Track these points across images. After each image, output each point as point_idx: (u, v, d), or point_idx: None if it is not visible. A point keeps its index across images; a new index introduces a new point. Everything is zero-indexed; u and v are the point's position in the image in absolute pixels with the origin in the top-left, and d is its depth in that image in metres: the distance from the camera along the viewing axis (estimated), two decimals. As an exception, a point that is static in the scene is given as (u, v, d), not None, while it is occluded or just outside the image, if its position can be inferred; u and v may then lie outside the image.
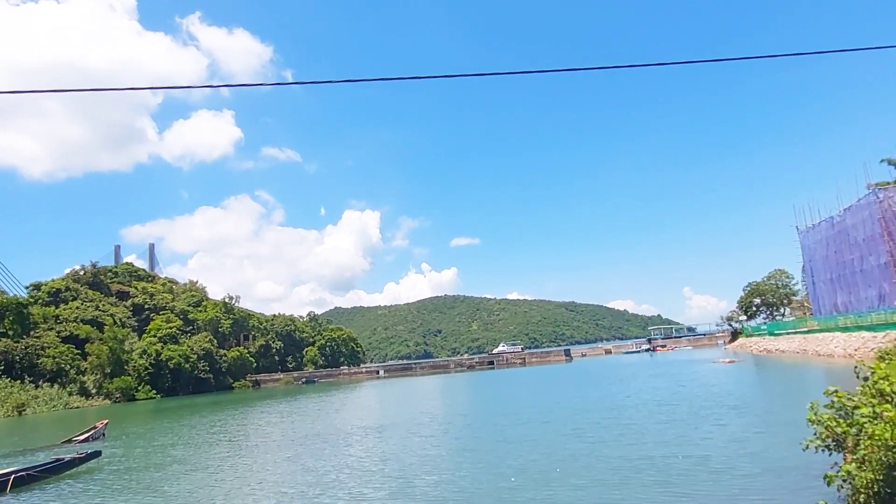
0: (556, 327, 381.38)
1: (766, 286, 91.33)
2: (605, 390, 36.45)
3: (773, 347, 64.17)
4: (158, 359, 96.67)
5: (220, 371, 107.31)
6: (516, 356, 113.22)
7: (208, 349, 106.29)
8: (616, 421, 21.87)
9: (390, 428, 26.70)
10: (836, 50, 9.72)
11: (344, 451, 20.58)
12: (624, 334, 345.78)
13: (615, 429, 19.96)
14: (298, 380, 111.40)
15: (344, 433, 26.21)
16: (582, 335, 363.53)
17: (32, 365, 75.96)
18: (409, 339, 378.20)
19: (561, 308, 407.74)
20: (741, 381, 36.85)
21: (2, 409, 65.20)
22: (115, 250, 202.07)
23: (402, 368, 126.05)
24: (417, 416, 31.24)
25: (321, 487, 14.89)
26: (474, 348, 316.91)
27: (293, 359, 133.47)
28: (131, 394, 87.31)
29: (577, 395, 35.41)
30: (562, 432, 20.40)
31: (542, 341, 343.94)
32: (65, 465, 20.41)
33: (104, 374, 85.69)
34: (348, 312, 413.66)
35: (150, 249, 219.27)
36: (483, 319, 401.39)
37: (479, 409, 34.32)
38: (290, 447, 23.01)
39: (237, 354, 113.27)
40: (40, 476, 19.02)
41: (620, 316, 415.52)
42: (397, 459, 17.88)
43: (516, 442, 19.23)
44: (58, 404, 73.18)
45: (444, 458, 17.50)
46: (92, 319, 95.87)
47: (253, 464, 19.78)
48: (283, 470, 17.96)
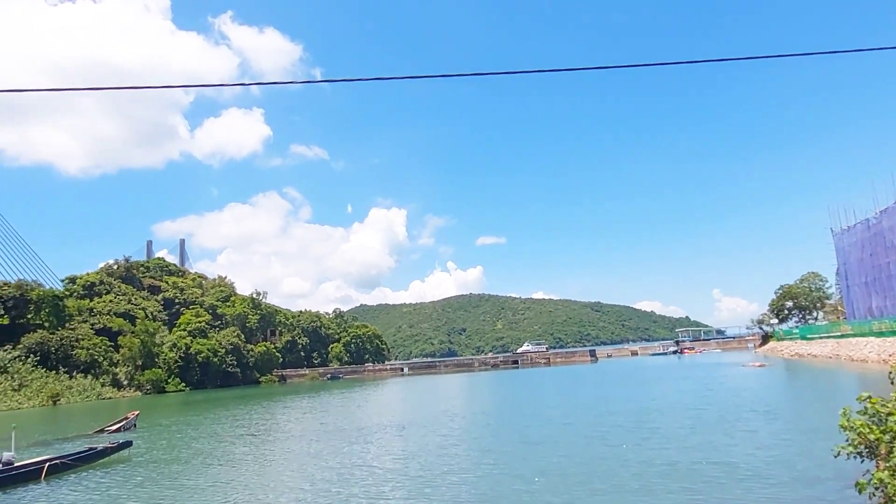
0: (582, 327, 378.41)
1: (799, 289, 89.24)
2: (630, 392, 36.06)
3: (805, 352, 62.72)
4: (188, 352, 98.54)
5: (247, 365, 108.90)
6: (541, 356, 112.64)
7: (236, 344, 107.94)
8: (641, 424, 21.54)
9: (413, 426, 26.80)
10: (877, 48, 9.42)
11: (366, 449, 20.70)
12: (650, 336, 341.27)
13: (639, 432, 19.64)
14: (323, 375, 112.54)
15: (367, 430, 26.37)
16: (607, 336, 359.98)
17: (67, 356, 78.04)
18: (433, 338, 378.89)
19: (586, 308, 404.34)
20: (772, 385, 36.08)
21: (37, 399, 67.18)
22: (147, 245, 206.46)
23: (427, 366, 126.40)
24: (440, 414, 31.30)
25: (341, 485, 14.99)
26: (499, 347, 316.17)
27: (318, 355, 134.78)
28: (161, 386, 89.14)
29: (602, 396, 35.10)
30: (584, 434, 20.21)
31: (567, 341, 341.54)
32: (97, 455, 20.94)
33: (136, 367, 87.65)
34: (373, 310, 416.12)
35: (181, 245, 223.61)
36: (508, 318, 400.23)
37: (502, 408, 34.20)
38: (313, 443, 23.25)
39: (264, 349, 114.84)
40: (73, 464, 19.54)
41: (647, 317, 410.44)
42: (418, 458, 17.90)
43: (537, 443, 19.10)
44: (91, 395, 75.14)
45: (464, 458, 17.42)
46: (124, 313, 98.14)
47: (277, 459, 20.03)
48: (305, 466, 18.15)
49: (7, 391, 66.84)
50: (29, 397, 67.08)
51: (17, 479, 17.61)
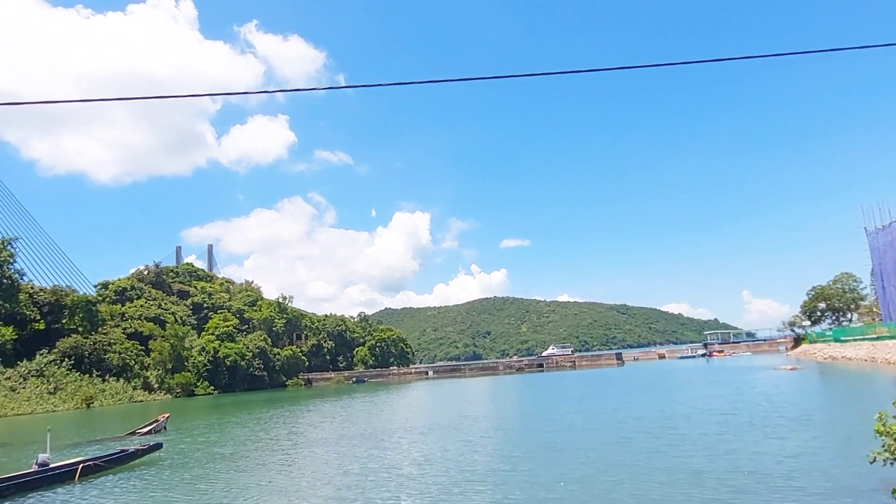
0: (608, 330, 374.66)
1: (832, 290, 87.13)
2: (656, 396, 35.55)
3: (839, 354, 61.16)
4: (216, 356, 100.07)
5: (273, 369, 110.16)
6: (566, 359, 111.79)
7: (263, 347, 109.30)
8: (667, 430, 21.08)
9: (437, 430, 26.79)
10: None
11: (390, 453, 20.71)
12: (678, 338, 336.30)
13: (665, 438, 19.22)
14: (349, 379, 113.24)
15: (392, 434, 26.45)
16: (634, 339, 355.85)
17: (100, 360, 79.86)
18: (458, 341, 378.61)
19: (612, 311, 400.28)
20: (805, 389, 35.23)
21: (72, 402, 68.85)
22: (177, 251, 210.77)
23: (451, 370, 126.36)
24: (464, 418, 31.24)
25: (365, 490, 15.02)
26: (523, 350, 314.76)
27: (344, 358, 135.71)
28: (191, 389, 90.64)
29: (628, 400, 34.64)
30: (608, 440, 19.86)
31: (593, 344, 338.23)
32: (129, 456, 21.36)
33: (166, 370, 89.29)
34: (398, 313, 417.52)
35: (209, 250, 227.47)
36: (532, 321, 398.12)
37: (526, 412, 33.98)
38: (339, 447, 23.38)
39: (290, 353, 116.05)
40: (106, 466, 19.96)
41: (675, 319, 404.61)
42: (440, 463, 17.81)
43: (559, 449, 18.72)
44: (123, 398, 76.78)
45: (486, 464, 17.18)
46: (155, 317, 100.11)
47: (304, 463, 20.18)
48: (331, 471, 18.24)
49: (43, 394, 68.66)
50: (64, 400, 68.80)
51: (53, 480, 18.05)
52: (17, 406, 63.48)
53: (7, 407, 62.35)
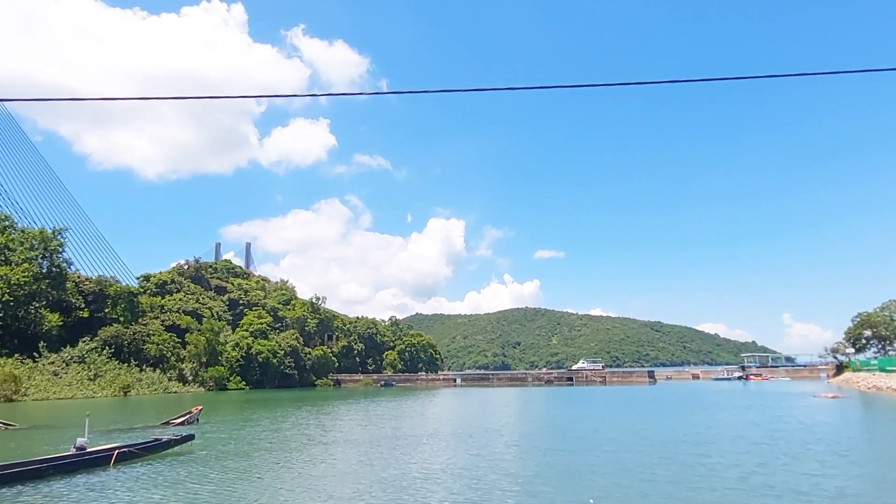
0: (640, 347, 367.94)
1: (879, 318, 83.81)
2: (689, 419, 34.67)
3: (885, 385, 58.74)
4: (249, 352, 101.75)
5: (304, 368, 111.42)
6: (596, 374, 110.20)
7: (294, 346, 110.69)
8: (698, 457, 19.96)
9: (460, 439, 26.67)
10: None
11: (416, 458, 20.69)
12: (713, 359, 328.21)
13: (695, 468, 18.04)
14: (377, 382, 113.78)
15: (419, 439, 26.43)
16: (667, 357, 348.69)
17: (139, 350, 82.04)
18: (487, 350, 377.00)
19: (646, 327, 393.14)
20: (847, 419, 33.92)
21: (110, 389, 70.88)
22: (216, 247, 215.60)
23: (480, 378, 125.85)
24: (490, 429, 31.03)
25: (388, 493, 15.04)
26: (553, 363, 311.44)
27: (373, 361, 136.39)
28: (223, 383, 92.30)
29: (658, 422, 33.86)
30: (632, 466, 18.96)
31: (625, 361, 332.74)
32: (162, 445, 21.86)
33: (200, 363, 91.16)
34: (428, 319, 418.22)
35: (247, 248, 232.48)
36: (563, 334, 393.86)
37: (552, 428, 33.44)
38: (365, 449, 23.48)
39: (321, 353, 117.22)
40: (140, 454, 20.46)
41: (710, 340, 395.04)
42: (463, 477, 17.61)
43: (579, 473, 17.78)
44: (158, 388, 78.69)
45: (501, 482, 16.66)
46: (192, 311, 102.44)
47: (331, 462, 20.32)
48: (356, 472, 18.33)
49: (83, 380, 70.87)
50: (103, 387, 70.88)
51: (89, 465, 18.58)
52: (58, 390, 65.68)
53: (49, 390, 64.55)
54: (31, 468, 17.14)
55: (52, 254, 79.22)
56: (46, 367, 69.83)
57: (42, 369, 68.96)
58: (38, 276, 74.54)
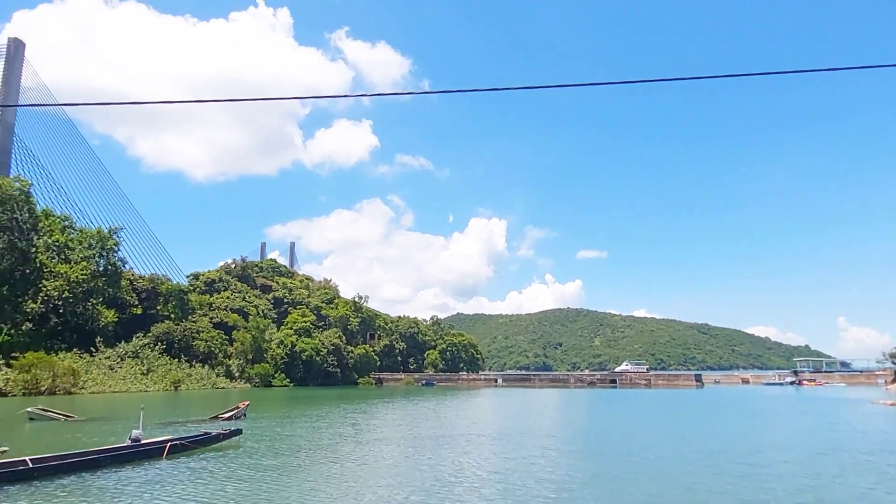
0: (686, 350, 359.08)
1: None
2: (737, 425, 33.68)
3: (950, 393, 55.73)
4: (293, 350, 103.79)
5: (346, 366, 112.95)
6: (641, 377, 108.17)
7: (337, 345, 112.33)
8: (747, 468, 18.91)
9: (503, 440, 26.58)
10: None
11: (452, 460, 20.55)
12: (764, 364, 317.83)
13: (742, 480, 17.00)
14: (418, 381, 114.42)
15: (457, 440, 26.43)
16: (715, 360, 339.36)
17: (188, 346, 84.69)
18: (528, 350, 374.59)
19: (692, 330, 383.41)
20: (908, 428, 32.32)
21: (162, 384, 73.42)
22: (261, 247, 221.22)
23: (521, 379, 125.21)
24: (530, 431, 30.81)
25: (422, 497, 15.08)
26: (595, 365, 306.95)
27: (414, 360, 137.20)
28: (268, 380, 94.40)
29: (706, 428, 32.95)
30: (676, 474, 18.37)
31: (670, 363, 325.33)
32: (211, 439, 22.49)
33: (246, 360, 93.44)
34: (469, 319, 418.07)
35: (291, 248, 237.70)
36: (606, 336, 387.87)
37: (595, 431, 32.97)
38: (407, 448, 23.62)
39: (363, 352, 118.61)
40: (191, 446, 21.12)
41: (761, 343, 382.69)
42: (498, 478, 17.49)
43: (620, 479, 17.18)
44: (206, 383, 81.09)
45: (540, 487, 16.43)
46: (239, 309, 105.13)
47: (373, 460, 20.53)
48: (398, 471, 18.44)
49: (137, 375, 73.63)
50: (154, 381, 73.47)
51: (144, 456, 19.28)
52: (114, 384, 68.41)
53: (105, 384, 67.30)
54: (90, 458, 17.89)
55: (109, 252, 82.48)
56: (102, 362, 72.80)
57: (98, 363, 71.92)
58: (95, 274, 77.72)
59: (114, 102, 41.01)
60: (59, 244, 77.86)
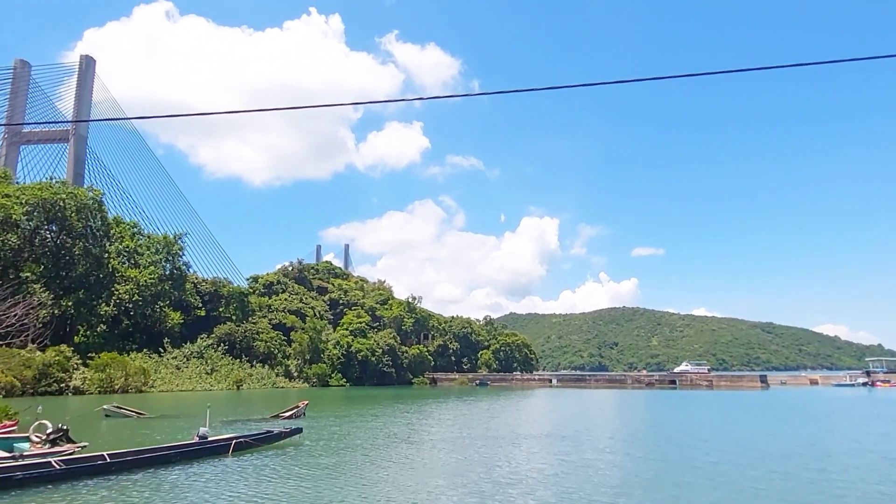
0: (750, 350, 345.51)
1: None
2: (806, 429, 32.19)
3: None
4: (349, 350, 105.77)
5: (401, 366, 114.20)
6: (702, 377, 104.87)
7: (392, 345, 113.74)
8: (815, 472, 18.23)
9: (556, 441, 26.29)
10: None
11: (512, 461, 20.54)
12: (833, 364, 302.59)
13: (811, 484, 16.38)
14: (472, 381, 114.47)
15: (514, 440, 26.36)
16: (780, 361, 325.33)
17: (249, 347, 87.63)
18: (582, 350, 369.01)
19: (756, 329, 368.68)
20: None
21: (225, 383, 76.24)
22: (317, 249, 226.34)
23: (576, 379, 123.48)
24: (587, 433, 30.36)
25: (474, 499, 15.10)
26: (653, 365, 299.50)
27: (468, 360, 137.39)
28: (326, 380, 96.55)
29: (771, 430, 31.66)
30: (738, 478, 17.62)
31: (732, 364, 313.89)
32: (274, 437, 23.22)
33: (304, 360, 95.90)
34: (522, 318, 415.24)
35: (345, 250, 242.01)
36: (664, 335, 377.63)
37: (651, 434, 32.17)
38: (464, 448, 23.69)
39: (417, 352, 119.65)
40: (254, 444, 21.86)
41: (830, 342, 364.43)
42: (552, 481, 17.33)
43: (684, 485, 16.96)
44: (267, 383, 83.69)
45: (593, 493, 16.16)
46: (296, 310, 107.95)
47: (430, 461, 20.69)
48: (456, 472, 18.52)
49: (201, 374, 76.70)
50: (218, 381, 76.36)
51: (211, 452, 20.10)
52: (181, 383, 71.51)
53: (173, 383, 70.44)
54: (161, 454, 18.79)
55: (174, 257, 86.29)
56: (170, 362, 76.20)
57: (166, 363, 75.32)
58: (162, 278, 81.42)
59: (177, 115, 41.27)
60: (129, 250, 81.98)
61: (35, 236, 69.81)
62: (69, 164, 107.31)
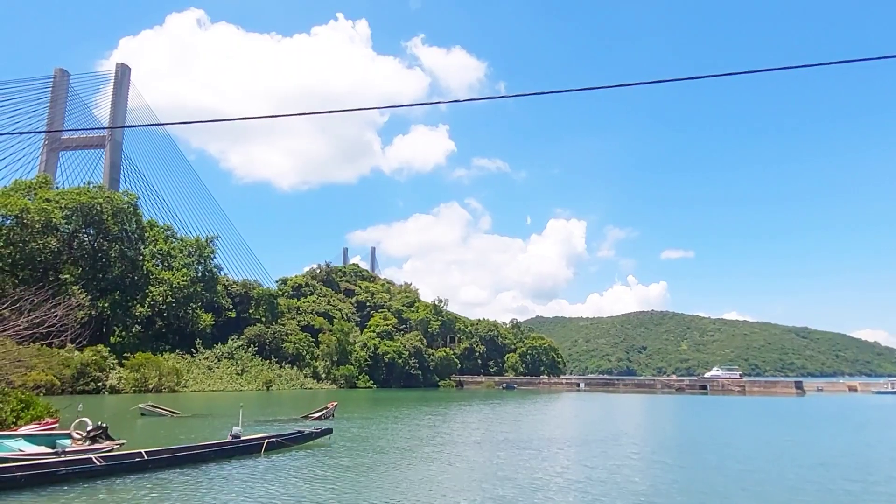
0: (784, 355, 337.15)
1: None
2: (844, 437, 31.36)
3: None
4: (376, 352, 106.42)
5: (427, 369, 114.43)
6: (734, 383, 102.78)
7: (418, 347, 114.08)
8: (852, 483, 17.56)
9: (586, 447, 26.11)
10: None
11: (537, 465, 20.33)
12: (873, 370, 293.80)
13: (848, 495, 15.81)
14: (499, 384, 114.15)
15: (540, 444, 26.24)
16: (816, 367, 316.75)
17: (278, 348, 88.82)
18: (610, 354, 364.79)
19: (790, 333, 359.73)
20: None
21: (255, 384, 77.41)
22: (344, 252, 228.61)
23: (604, 383, 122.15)
24: (614, 438, 30.05)
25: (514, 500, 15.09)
26: (683, 370, 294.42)
27: (495, 363, 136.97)
28: (353, 382, 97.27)
29: (807, 438, 30.93)
30: (771, 488, 17.17)
31: (766, 369, 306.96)
32: (304, 437, 23.55)
33: (332, 362, 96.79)
34: (549, 322, 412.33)
35: (372, 252, 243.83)
36: (694, 339, 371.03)
37: (681, 440, 31.67)
38: (487, 451, 23.69)
39: (443, 355, 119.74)
40: (286, 444, 22.20)
41: (869, 348, 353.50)
42: (577, 487, 17.07)
43: (707, 495, 16.50)
44: (295, 384, 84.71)
45: (618, 500, 15.97)
46: (324, 312, 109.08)
47: (458, 463, 20.73)
48: (478, 475, 18.52)
49: (232, 375, 78.00)
50: (248, 381, 77.55)
51: (244, 451, 20.47)
52: (212, 383, 72.83)
53: (205, 383, 71.78)
54: (195, 452, 19.19)
55: (206, 260, 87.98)
56: (202, 362, 77.66)
57: (198, 364, 76.79)
58: (194, 280, 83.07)
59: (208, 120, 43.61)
60: (163, 252, 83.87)
61: (73, 239, 71.93)
62: (105, 170, 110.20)
